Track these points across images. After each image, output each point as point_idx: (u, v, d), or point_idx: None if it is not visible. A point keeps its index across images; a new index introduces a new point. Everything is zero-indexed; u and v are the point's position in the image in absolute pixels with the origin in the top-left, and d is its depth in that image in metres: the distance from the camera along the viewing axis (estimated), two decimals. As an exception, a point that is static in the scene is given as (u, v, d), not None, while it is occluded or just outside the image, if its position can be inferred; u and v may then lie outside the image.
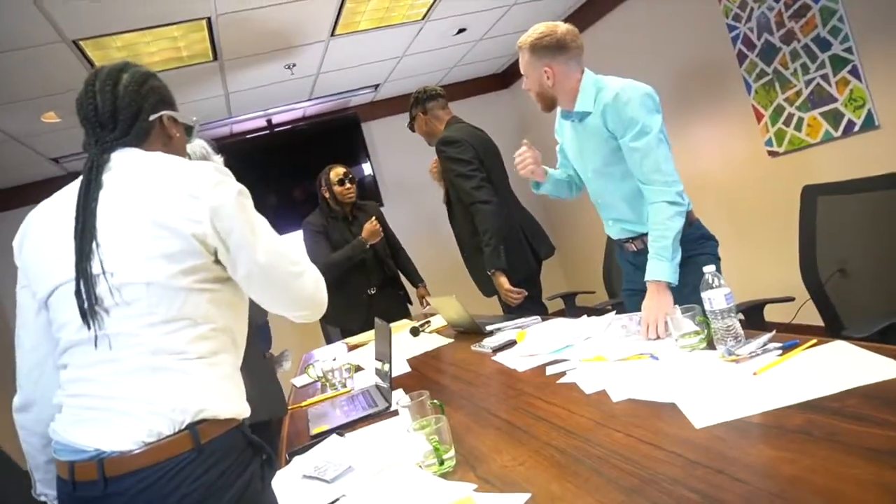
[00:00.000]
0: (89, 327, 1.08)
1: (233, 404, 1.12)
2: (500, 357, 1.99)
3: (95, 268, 1.09)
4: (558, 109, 2.05)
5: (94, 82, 1.22)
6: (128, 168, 1.17)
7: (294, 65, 4.05)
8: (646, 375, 1.38)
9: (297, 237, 3.55)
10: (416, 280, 3.76)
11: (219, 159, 2.22)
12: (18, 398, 1.23)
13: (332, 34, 3.72)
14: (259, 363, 2.11)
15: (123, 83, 1.22)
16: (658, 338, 1.63)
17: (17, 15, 2.46)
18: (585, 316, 2.13)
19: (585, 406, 1.32)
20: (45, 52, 2.84)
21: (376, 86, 5.20)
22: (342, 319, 3.52)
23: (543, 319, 2.37)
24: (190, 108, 4.28)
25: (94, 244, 1.10)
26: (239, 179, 1.21)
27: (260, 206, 1.22)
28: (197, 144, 2.14)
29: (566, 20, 2.06)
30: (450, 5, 3.82)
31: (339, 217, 3.51)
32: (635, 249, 2.03)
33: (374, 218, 3.45)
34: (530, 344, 2.00)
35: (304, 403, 2.26)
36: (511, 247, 2.87)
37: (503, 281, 2.80)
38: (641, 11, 4.21)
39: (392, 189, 5.78)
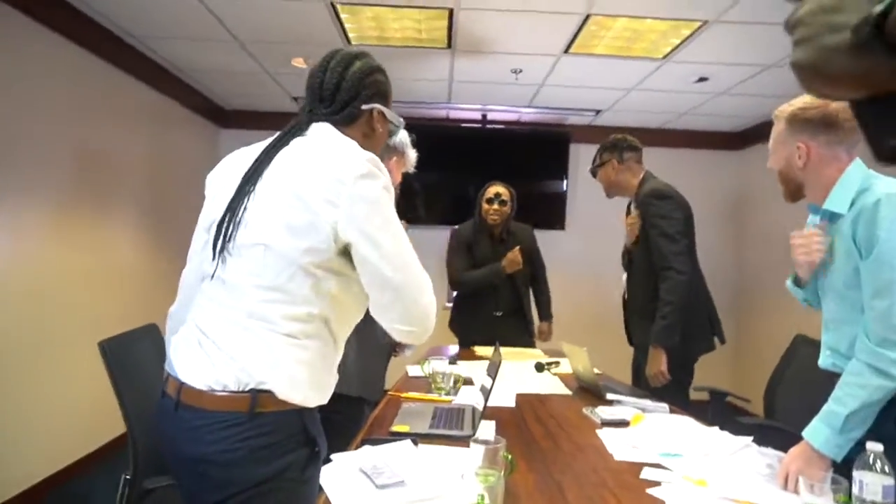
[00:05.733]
0: (213, 260, 1.17)
1: (296, 391, 1.11)
2: (605, 433, 1.84)
3: (239, 213, 1.17)
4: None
5: (330, 60, 1.31)
6: (312, 139, 1.23)
7: (520, 70, 4.07)
8: (746, 532, 1.17)
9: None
10: (546, 314, 3.62)
11: (413, 154, 2.29)
12: (174, 306, 1.35)
13: (566, 51, 3.67)
14: (369, 341, 2.11)
15: (353, 68, 1.30)
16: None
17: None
18: (717, 428, 1.87)
19: (659, 535, 1.16)
20: (306, 7, 3.16)
21: (598, 111, 5.06)
22: (465, 334, 3.48)
23: (671, 411, 2.14)
24: (413, 85, 4.51)
25: (250, 192, 1.18)
26: (445, 162, 1.15)
27: (458, 193, 1.14)
28: (401, 133, 2.23)
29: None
30: (696, 51, 3.56)
31: (486, 234, 3.44)
32: None
33: (518, 248, 3.34)
34: (640, 433, 1.81)
35: (404, 394, 2.28)
36: (695, 322, 2.67)
37: (663, 360, 2.59)
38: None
39: (578, 217, 5.63)
